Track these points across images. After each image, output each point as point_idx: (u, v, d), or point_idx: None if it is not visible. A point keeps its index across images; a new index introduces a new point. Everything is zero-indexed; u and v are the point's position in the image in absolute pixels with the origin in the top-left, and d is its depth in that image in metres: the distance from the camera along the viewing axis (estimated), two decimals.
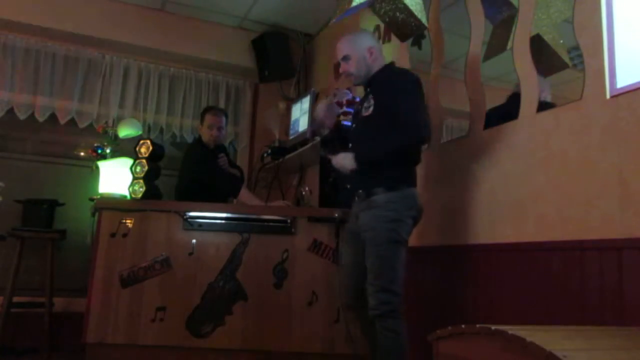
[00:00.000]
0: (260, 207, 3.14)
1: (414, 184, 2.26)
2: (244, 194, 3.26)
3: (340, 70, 2.40)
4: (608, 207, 1.80)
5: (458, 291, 2.46)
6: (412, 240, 2.84)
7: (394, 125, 2.12)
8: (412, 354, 2.46)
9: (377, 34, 3.49)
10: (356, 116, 2.42)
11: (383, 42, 3.42)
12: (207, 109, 3.57)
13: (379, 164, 2.18)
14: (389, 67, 2.38)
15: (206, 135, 3.44)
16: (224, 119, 3.50)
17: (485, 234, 2.36)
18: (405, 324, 2.17)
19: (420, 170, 2.87)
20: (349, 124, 3.30)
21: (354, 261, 2.30)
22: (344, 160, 2.25)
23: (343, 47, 2.37)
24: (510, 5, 2.39)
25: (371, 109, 2.25)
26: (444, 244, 2.59)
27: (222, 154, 3.47)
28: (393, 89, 2.20)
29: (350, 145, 2.35)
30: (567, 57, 2.14)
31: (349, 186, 2.32)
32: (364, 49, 2.33)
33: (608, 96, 1.85)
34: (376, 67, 2.35)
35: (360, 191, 2.24)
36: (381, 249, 2.14)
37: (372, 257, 2.16)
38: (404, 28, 2.62)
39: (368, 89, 2.38)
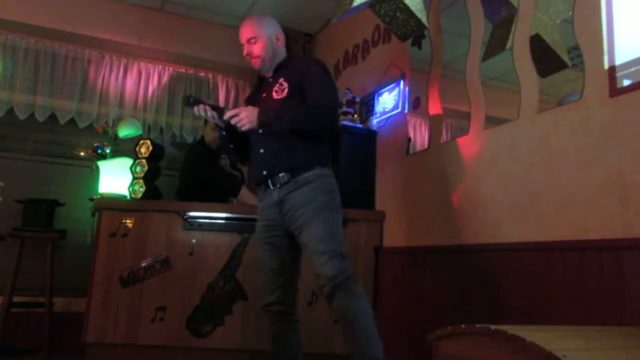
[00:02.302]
0: None
1: (330, 165, 2.22)
2: (245, 194, 3.27)
3: (245, 52, 2.28)
4: (608, 207, 1.80)
5: (458, 291, 2.46)
6: (412, 240, 2.85)
7: (308, 105, 2.12)
8: (412, 354, 2.46)
9: (377, 34, 3.50)
10: (262, 101, 2.24)
11: (383, 42, 3.42)
12: None
13: (281, 137, 2.12)
14: (298, 55, 2.37)
15: (210, 136, 3.44)
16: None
17: (485, 234, 2.36)
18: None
19: (420, 170, 2.88)
20: (348, 123, 3.31)
21: (276, 260, 2.15)
22: (250, 113, 2.06)
23: (249, 29, 2.27)
24: (510, 5, 2.39)
25: (285, 91, 2.18)
26: (444, 244, 2.59)
27: (224, 155, 3.48)
28: (309, 73, 2.18)
29: (260, 130, 2.15)
30: (567, 57, 2.14)
31: (265, 172, 2.16)
32: (272, 33, 2.29)
33: (608, 96, 1.85)
34: (281, 54, 2.31)
35: (282, 174, 2.12)
36: (325, 214, 2.04)
37: (317, 225, 2.02)
38: (404, 28, 2.62)
39: (273, 76, 2.30)
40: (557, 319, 1.90)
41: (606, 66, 1.86)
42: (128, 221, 2.91)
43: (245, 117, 2.05)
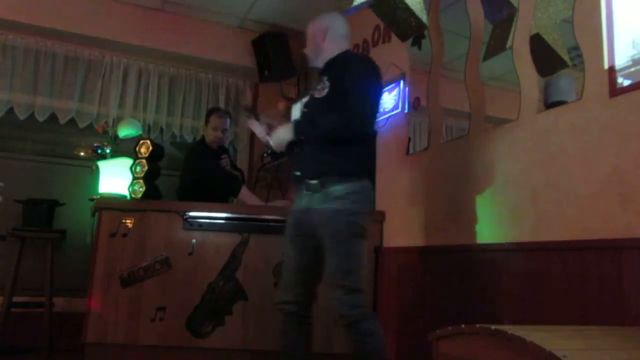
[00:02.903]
0: (260, 207, 3.15)
1: (368, 176, 2.14)
2: (244, 194, 3.27)
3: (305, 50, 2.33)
4: (608, 207, 1.80)
5: (458, 291, 2.46)
6: (412, 240, 2.84)
7: (342, 109, 2.02)
8: (412, 354, 2.46)
9: (377, 34, 3.50)
10: (309, 98, 2.25)
11: (383, 42, 3.42)
12: (213, 110, 3.58)
13: (318, 139, 2.07)
14: (348, 53, 2.29)
15: (211, 137, 3.45)
16: (228, 120, 3.53)
17: (485, 234, 2.36)
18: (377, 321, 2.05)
19: (420, 170, 2.88)
20: None
21: (301, 261, 2.13)
22: (282, 134, 2.13)
23: (307, 29, 2.32)
24: (510, 5, 2.39)
25: (326, 90, 2.11)
26: (444, 244, 2.59)
27: (224, 155, 3.49)
28: (349, 73, 2.09)
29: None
30: (567, 57, 2.14)
31: (298, 173, 2.14)
32: (317, 29, 2.27)
33: (608, 96, 1.85)
34: (329, 50, 2.24)
35: (314, 182, 2.06)
36: (347, 244, 1.98)
37: (336, 255, 1.98)
38: (404, 28, 2.62)
39: (322, 72, 2.26)
40: (557, 319, 1.90)
41: (606, 66, 1.86)
42: (128, 221, 2.90)
43: (278, 143, 2.14)
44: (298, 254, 2.14)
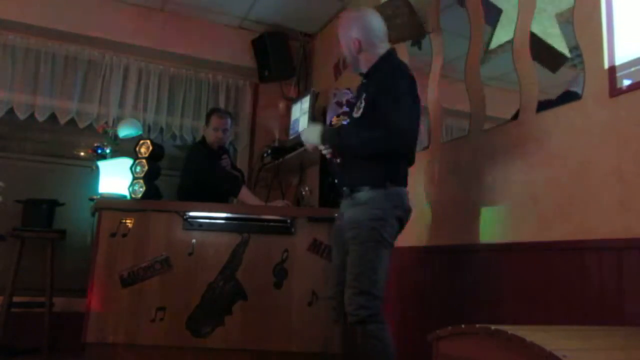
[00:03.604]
0: (260, 207, 3.15)
1: (402, 183, 2.16)
2: (244, 194, 3.27)
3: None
4: (608, 207, 1.80)
5: (458, 291, 2.46)
6: (413, 240, 2.84)
7: (379, 125, 2.02)
8: (412, 354, 2.46)
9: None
10: (351, 114, 2.29)
11: None
12: (214, 111, 3.60)
13: (355, 155, 2.13)
14: (388, 61, 2.20)
15: (211, 137, 3.45)
16: (229, 120, 3.54)
17: (486, 234, 2.36)
18: (388, 327, 2.05)
19: (420, 170, 2.88)
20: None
21: (341, 260, 2.22)
22: (310, 134, 2.22)
23: (338, 29, 2.30)
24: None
25: (361, 110, 2.14)
26: (444, 244, 2.59)
27: (225, 155, 3.50)
28: (383, 89, 2.06)
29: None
30: (567, 50, 2.13)
31: (336, 181, 2.30)
32: (350, 39, 2.21)
33: (608, 96, 1.85)
34: (369, 56, 2.20)
35: (345, 188, 2.19)
36: (362, 248, 2.04)
37: (353, 257, 2.06)
38: (405, 32, 2.63)
39: (364, 81, 2.26)
40: (557, 319, 1.90)
41: (606, 66, 1.86)
42: (128, 221, 2.91)
43: (304, 140, 2.25)
44: (339, 253, 2.26)
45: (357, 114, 2.18)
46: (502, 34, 2.42)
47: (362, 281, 2.02)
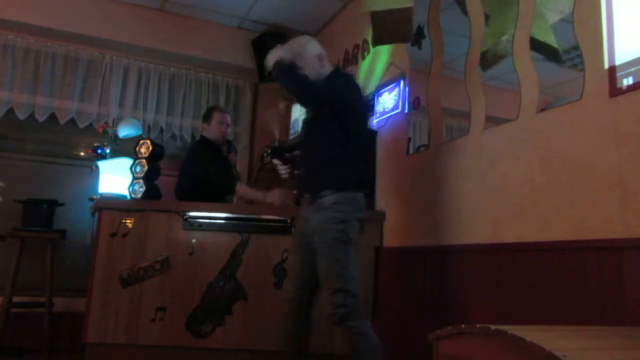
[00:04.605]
0: (261, 207, 3.15)
1: (359, 189, 2.28)
2: (242, 189, 3.30)
3: None
4: (608, 207, 1.80)
5: (458, 291, 2.46)
6: (412, 240, 2.84)
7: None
8: (412, 354, 2.46)
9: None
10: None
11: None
12: (214, 107, 3.64)
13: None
14: (335, 73, 2.45)
15: (217, 132, 3.45)
16: (229, 116, 3.56)
17: (486, 234, 2.36)
18: (370, 323, 2.14)
19: (420, 170, 2.88)
20: None
21: (301, 265, 2.30)
22: (274, 53, 2.38)
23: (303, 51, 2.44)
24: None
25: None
26: (444, 244, 2.59)
27: (231, 153, 3.52)
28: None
29: (300, 149, 2.45)
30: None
31: (300, 191, 2.40)
32: (312, 54, 2.42)
33: (608, 96, 1.85)
34: (325, 74, 2.42)
35: (308, 195, 2.30)
36: (332, 249, 2.14)
37: (324, 259, 2.16)
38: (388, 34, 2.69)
39: None
40: (557, 319, 1.90)
41: (606, 66, 1.86)
42: (128, 221, 2.91)
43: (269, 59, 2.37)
44: (300, 259, 2.31)
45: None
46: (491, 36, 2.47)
47: (337, 281, 2.11)
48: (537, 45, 2.21)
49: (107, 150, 3.87)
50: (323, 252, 2.16)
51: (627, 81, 1.79)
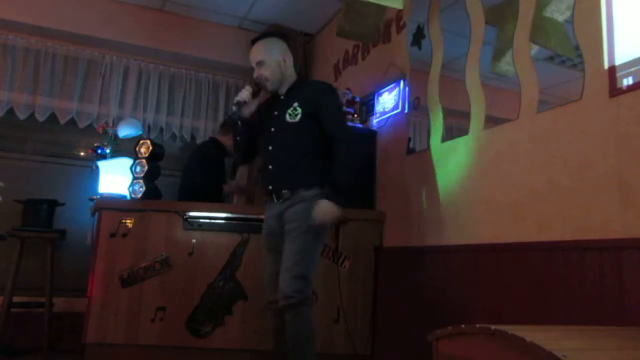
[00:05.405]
0: (261, 208, 3.15)
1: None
2: (236, 179, 3.41)
3: (255, 75, 2.45)
4: (608, 207, 1.80)
5: (458, 291, 2.46)
6: (413, 240, 2.84)
7: (332, 140, 2.31)
8: (412, 354, 2.46)
9: (376, 34, 3.49)
10: (274, 119, 2.42)
11: (383, 42, 3.41)
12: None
13: (288, 156, 2.35)
14: (309, 80, 2.52)
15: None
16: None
17: (486, 234, 2.36)
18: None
19: (420, 170, 2.88)
20: (348, 124, 3.31)
21: (276, 265, 2.31)
22: (326, 212, 2.22)
23: (257, 53, 2.44)
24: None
25: (298, 117, 2.35)
26: (444, 244, 2.59)
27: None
28: (323, 105, 2.36)
29: (270, 147, 2.39)
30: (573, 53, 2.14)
31: (270, 187, 2.38)
32: (278, 55, 2.43)
33: (608, 96, 1.85)
34: (290, 74, 2.46)
35: (285, 191, 2.33)
36: (304, 237, 2.22)
37: (294, 245, 2.22)
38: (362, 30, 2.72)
39: (285, 96, 2.45)
40: (557, 319, 1.90)
41: (606, 66, 1.86)
42: (128, 221, 2.91)
43: (328, 220, 2.23)
44: (275, 259, 2.33)
45: (293, 119, 2.37)
46: None
47: (302, 266, 2.19)
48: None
49: (107, 150, 3.87)
50: (295, 237, 2.23)
51: (627, 81, 1.78)
